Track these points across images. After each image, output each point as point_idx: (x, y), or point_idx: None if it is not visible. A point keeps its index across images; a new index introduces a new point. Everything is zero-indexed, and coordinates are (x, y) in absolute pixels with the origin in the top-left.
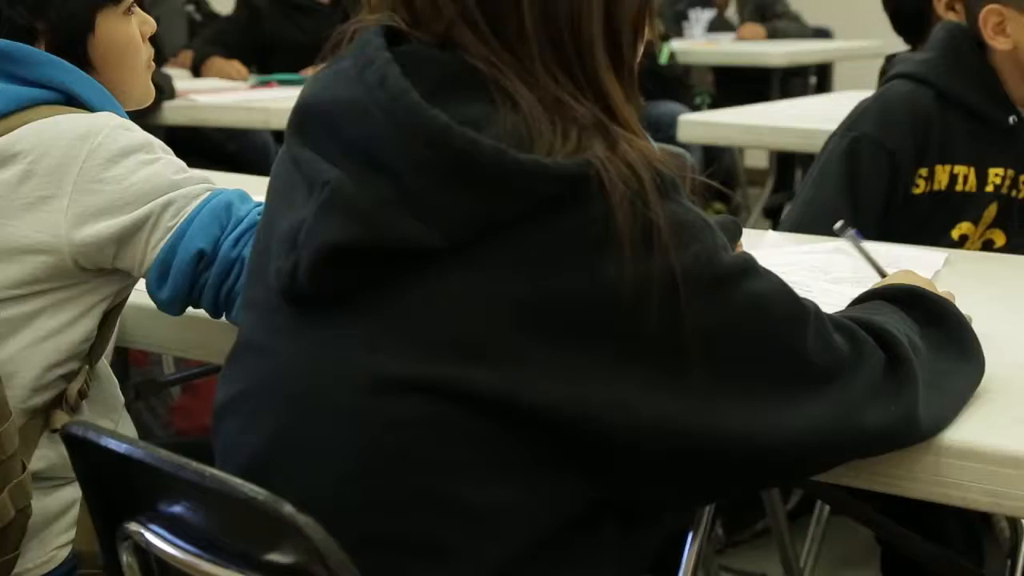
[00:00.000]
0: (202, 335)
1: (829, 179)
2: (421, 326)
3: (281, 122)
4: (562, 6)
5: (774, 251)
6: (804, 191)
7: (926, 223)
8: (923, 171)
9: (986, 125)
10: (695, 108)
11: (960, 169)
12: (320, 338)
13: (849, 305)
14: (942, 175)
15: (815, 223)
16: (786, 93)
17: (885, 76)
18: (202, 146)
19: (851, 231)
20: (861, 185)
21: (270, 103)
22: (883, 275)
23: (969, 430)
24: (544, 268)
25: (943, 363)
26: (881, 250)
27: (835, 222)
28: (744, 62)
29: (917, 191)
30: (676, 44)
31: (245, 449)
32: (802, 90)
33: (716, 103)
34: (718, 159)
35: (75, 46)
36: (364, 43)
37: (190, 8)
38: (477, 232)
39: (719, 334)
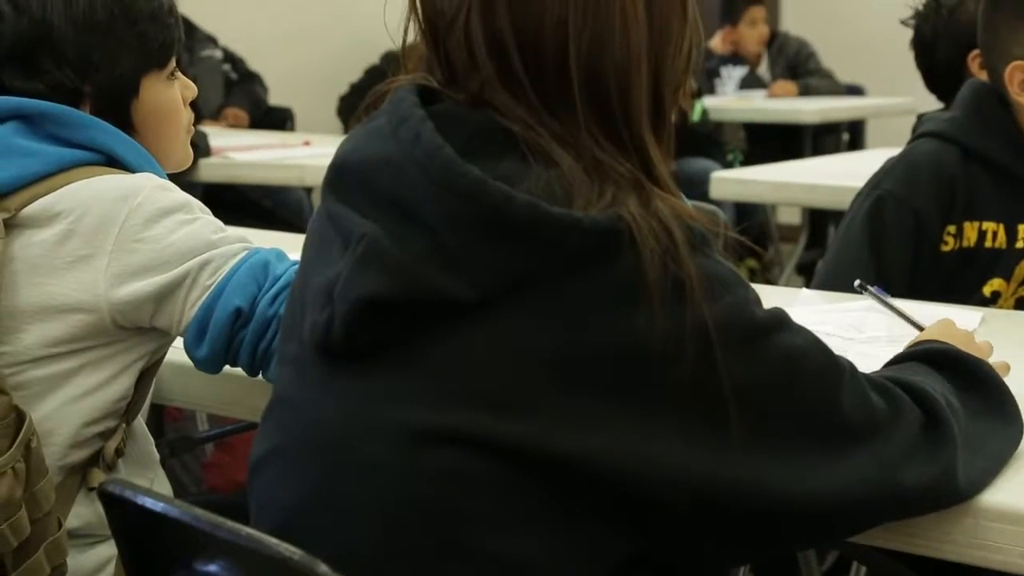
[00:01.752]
0: (237, 393)
1: (854, 238)
2: (453, 378)
3: (315, 179)
4: (609, 71)
5: (808, 309)
6: (831, 251)
7: (957, 281)
8: (951, 228)
9: (1014, 182)
10: (727, 165)
11: (989, 226)
12: (353, 391)
13: (884, 366)
14: (971, 232)
15: (841, 283)
16: (819, 150)
17: (912, 135)
18: (238, 201)
19: (873, 288)
20: (886, 244)
21: (305, 160)
22: (919, 328)
23: (1009, 492)
24: (575, 321)
25: (981, 425)
26: (915, 309)
27: (861, 280)
28: (776, 119)
29: (946, 248)
30: (708, 101)
31: (279, 504)
32: (835, 147)
33: (748, 160)
34: (751, 216)
35: (119, 109)
36: (399, 101)
37: (226, 67)
38: (510, 285)
39: (752, 388)
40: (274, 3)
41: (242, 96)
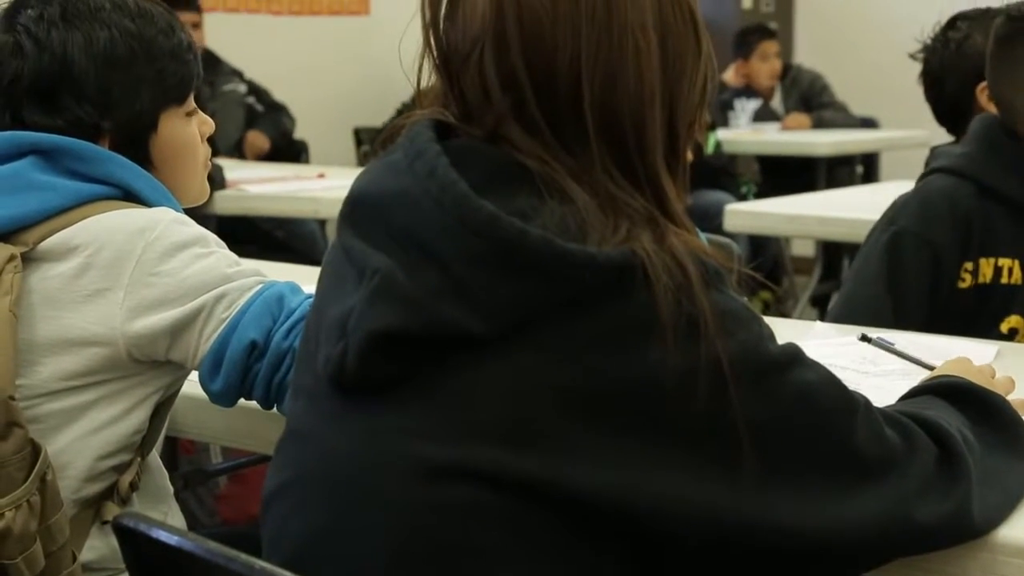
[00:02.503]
0: (250, 425)
1: (870, 274)
2: (466, 412)
3: (329, 211)
4: (624, 104)
5: (822, 342)
6: (846, 286)
7: (974, 317)
8: (968, 265)
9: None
10: (741, 197)
11: (1005, 262)
12: (367, 425)
13: (900, 399)
14: (987, 268)
15: (858, 319)
16: (833, 183)
17: (925, 169)
18: (252, 233)
19: (876, 337)
20: (903, 280)
21: (319, 193)
22: (930, 369)
23: None
24: (589, 355)
25: (997, 459)
26: (931, 343)
27: (877, 317)
28: (790, 151)
29: (963, 285)
30: (722, 133)
31: (292, 537)
32: (849, 180)
33: (762, 192)
34: (764, 248)
35: (138, 144)
36: (414, 136)
37: (250, 100)
38: (523, 320)
39: (766, 424)
40: (289, 37)
41: (268, 124)
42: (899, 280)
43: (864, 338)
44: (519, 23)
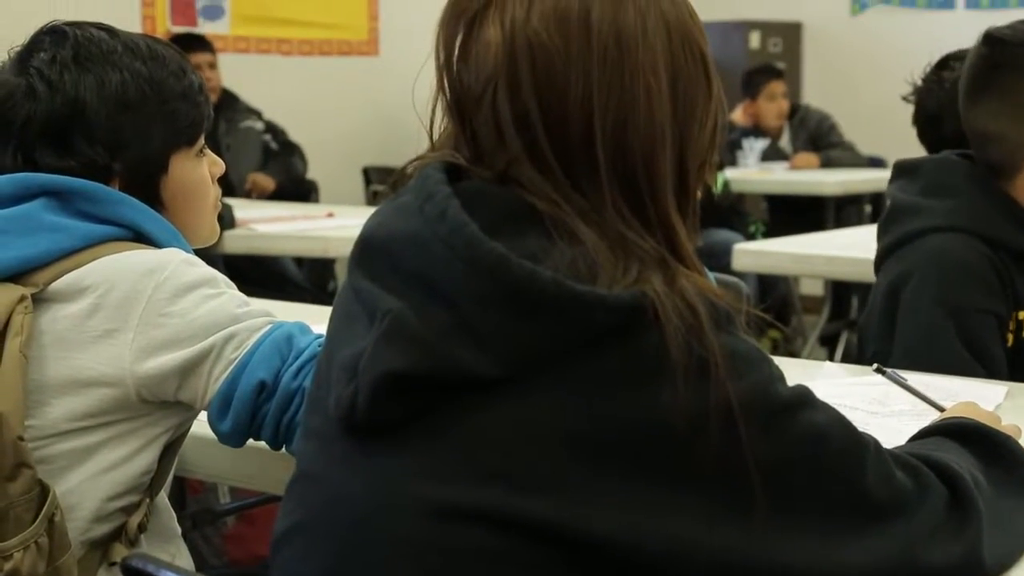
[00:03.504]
0: (258, 465)
1: (950, 359)
2: (477, 455)
3: (338, 250)
4: (635, 145)
5: (831, 382)
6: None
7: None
8: (1012, 325)
9: None
10: (749, 236)
11: None
12: (377, 466)
13: (909, 440)
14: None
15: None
16: (841, 222)
17: (911, 229)
18: (261, 272)
19: (890, 370)
20: (985, 355)
21: (328, 232)
22: (940, 410)
23: None
24: (599, 398)
25: (1007, 501)
26: (941, 383)
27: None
28: (798, 191)
29: (1009, 345)
30: (730, 172)
31: None
32: (857, 219)
33: (770, 231)
34: (773, 287)
35: (148, 185)
36: (425, 178)
37: (267, 138)
38: (534, 361)
39: (776, 466)
40: (299, 77)
41: (278, 167)
42: (982, 356)
43: (879, 370)
44: (531, 63)
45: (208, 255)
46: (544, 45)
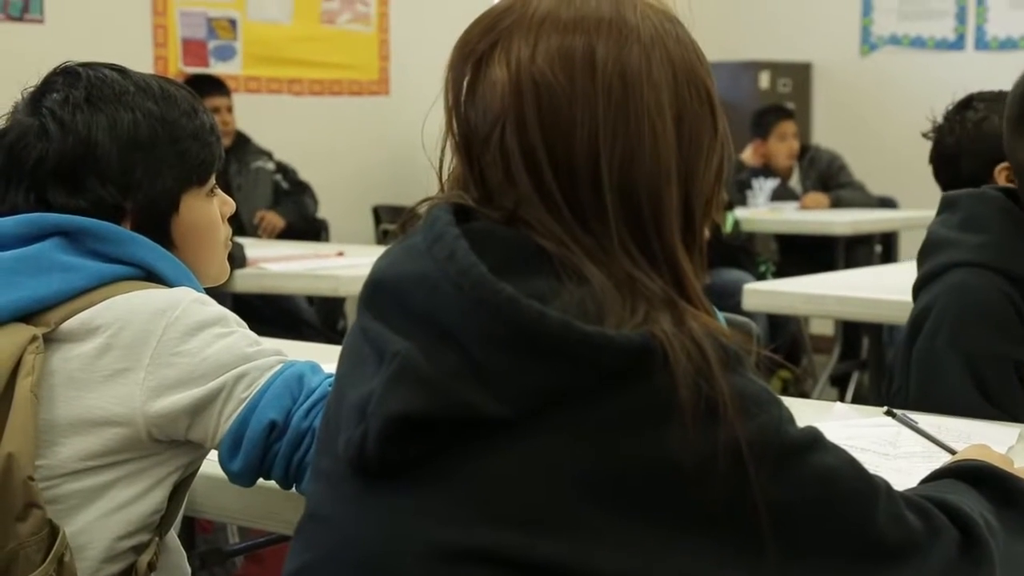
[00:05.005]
0: (268, 505)
1: (962, 402)
2: (486, 496)
3: (348, 289)
4: (641, 184)
5: (842, 423)
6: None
7: None
8: None
9: None
10: (759, 276)
11: None
12: (386, 507)
13: (920, 483)
14: None
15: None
16: (851, 262)
17: (938, 264)
18: (271, 311)
19: (900, 412)
20: (1005, 401)
21: (338, 271)
22: (951, 452)
23: None
24: (608, 439)
25: (1020, 544)
26: (952, 425)
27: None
28: (808, 230)
29: None
30: (740, 212)
31: None
32: (867, 259)
33: (780, 271)
34: (783, 327)
35: (159, 225)
36: (434, 219)
37: (278, 177)
38: (543, 403)
39: (786, 508)
40: (309, 117)
41: (289, 206)
42: (1001, 402)
43: (889, 412)
44: (537, 102)
45: (217, 293)
46: (549, 84)
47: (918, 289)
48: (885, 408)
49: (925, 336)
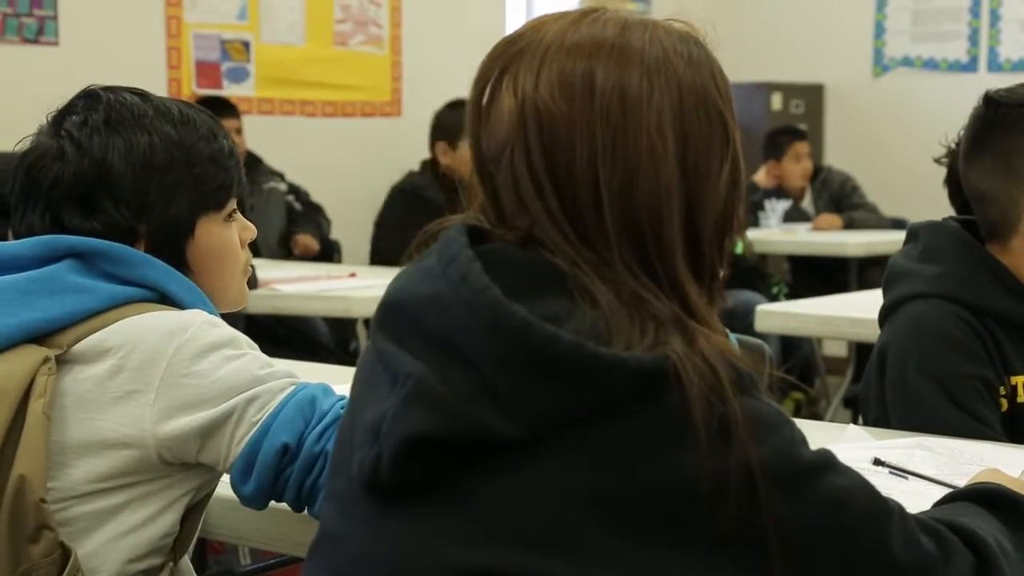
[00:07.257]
0: (280, 527)
1: (949, 424)
2: (499, 517)
3: (360, 310)
4: (642, 206)
5: (854, 445)
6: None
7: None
8: (1003, 389)
9: (1019, 330)
10: (772, 297)
11: (1018, 379)
12: (400, 528)
13: (934, 505)
14: (1018, 386)
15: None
16: (864, 283)
17: (897, 295)
18: (283, 332)
19: (889, 464)
20: (982, 425)
21: (350, 292)
22: (952, 488)
23: None
24: (621, 461)
25: None
26: (964, 447)
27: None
28: (821, 252)
29: (1004, 411)
30: (752, 234)
31: None
32: (880, 280)
33: (793, 293)
34: (796, 348)
35: (174, 248)
36: (448, 241)
37: (290, 199)
38: (556, 424)
39: (799, 530)
40: (322, 138)
41: (310, 227)
42: (981, 428)
43: (878, 462)
44: (539, 128)
45: (230, 315)
46: (550, 110)
47: (882, 320)
48: (873, 458)
49: (894, 368)
